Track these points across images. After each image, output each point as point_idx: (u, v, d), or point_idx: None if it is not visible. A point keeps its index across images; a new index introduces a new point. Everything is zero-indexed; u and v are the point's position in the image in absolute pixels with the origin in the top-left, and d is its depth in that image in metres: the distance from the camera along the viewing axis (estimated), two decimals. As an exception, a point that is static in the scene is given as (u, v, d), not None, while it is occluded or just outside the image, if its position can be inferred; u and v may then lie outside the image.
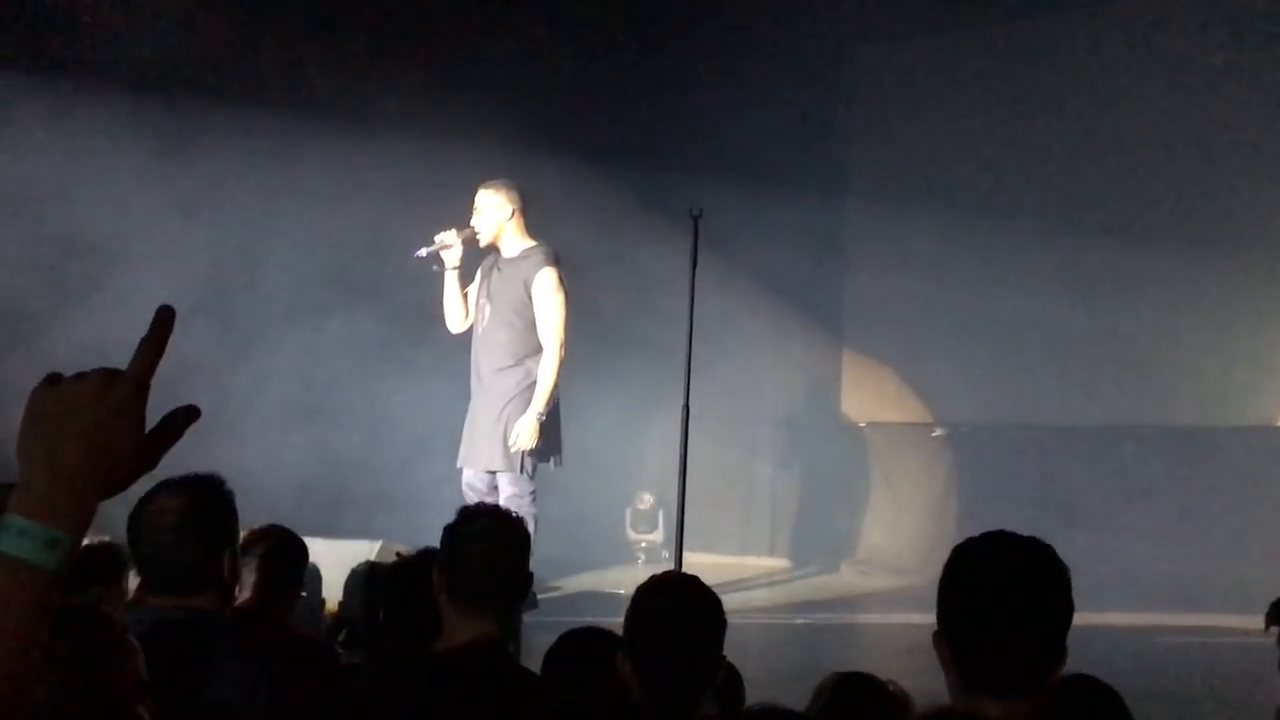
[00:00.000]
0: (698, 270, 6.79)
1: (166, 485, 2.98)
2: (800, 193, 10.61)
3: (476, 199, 7.06)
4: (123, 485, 1.51)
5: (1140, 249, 9.53)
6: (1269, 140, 9.34)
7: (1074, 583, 2.29)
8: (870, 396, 11.22)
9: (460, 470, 7.18)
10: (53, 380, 1.49)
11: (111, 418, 1.49)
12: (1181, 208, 9.61)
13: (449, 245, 6.98)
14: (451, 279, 7.11)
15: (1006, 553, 2.28)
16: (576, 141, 9.91)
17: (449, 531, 3.06)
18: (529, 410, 6.89)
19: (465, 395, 7.29)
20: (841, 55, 11.42)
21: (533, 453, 6.94)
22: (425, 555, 3.69)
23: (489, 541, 2.97)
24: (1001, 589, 2.23)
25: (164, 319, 1.52)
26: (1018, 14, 10.39)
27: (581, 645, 3.11)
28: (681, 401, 6.80)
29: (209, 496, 3.00)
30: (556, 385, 7.01)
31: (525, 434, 6.87)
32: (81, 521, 1.47)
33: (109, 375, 1.52)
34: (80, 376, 1.53)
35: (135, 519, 2.96)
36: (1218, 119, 9.54)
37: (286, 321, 8.85)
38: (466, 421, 7.19)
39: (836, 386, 11.36)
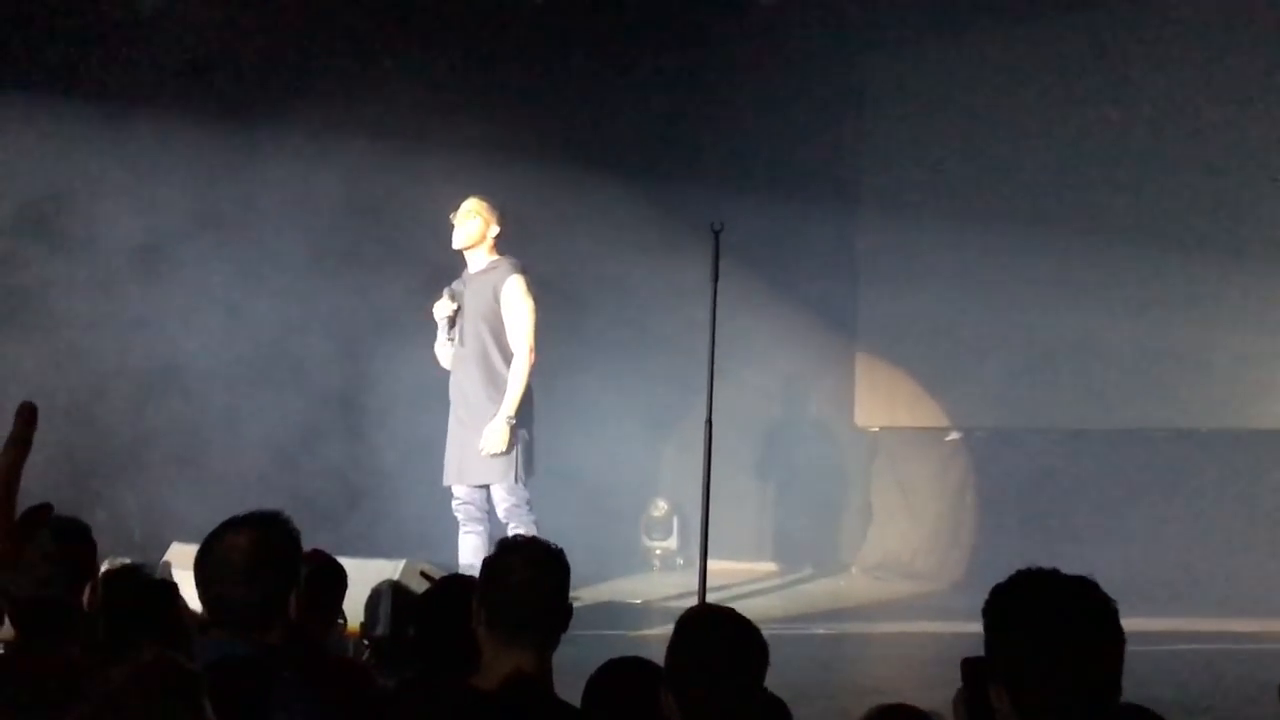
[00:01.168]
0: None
1: (233, 523, 2.98)
2: (816, 202, 10.65)
3: (466, 204, 7.19)
4: None
5: (1154, 253, 9.52)
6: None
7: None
8: (884, 402, 11.22)
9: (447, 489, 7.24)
10: None
11: None
12: (1196, 213, 9.58)
13: (450, 309, 7.17)
14: (444, 327, 7.24)
15: (1059, 597, 2.27)
16: (599, 157, 9.96)
17: (489, 563, 3.04)
18: (499, 414, 6.95)
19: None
20: (854, 65, 11.41)
21: (525, 460, 6.99)
22: (457, 579, 3.70)
23: (529, 572, 2.95)
24: (1061, 636, 2.22)
25: (27, 417, 1.73)
26: (1031, 18, 10.37)
27: (622, 677, 3.10)
28: (700, 410, 6.80)
29: (276, 534, 2.98)
30: (528, 389, 7.06)
31: (494, 438, 6.93)
32: None
33: None
34: None
35: (203, 557, 2.96)
36: (1230, 123, 9.51)
37: (306, 337, 8.90)
38: (449, 439, 7.22)
39: (850, 392, 11.35)
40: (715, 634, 2.82)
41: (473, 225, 7.16)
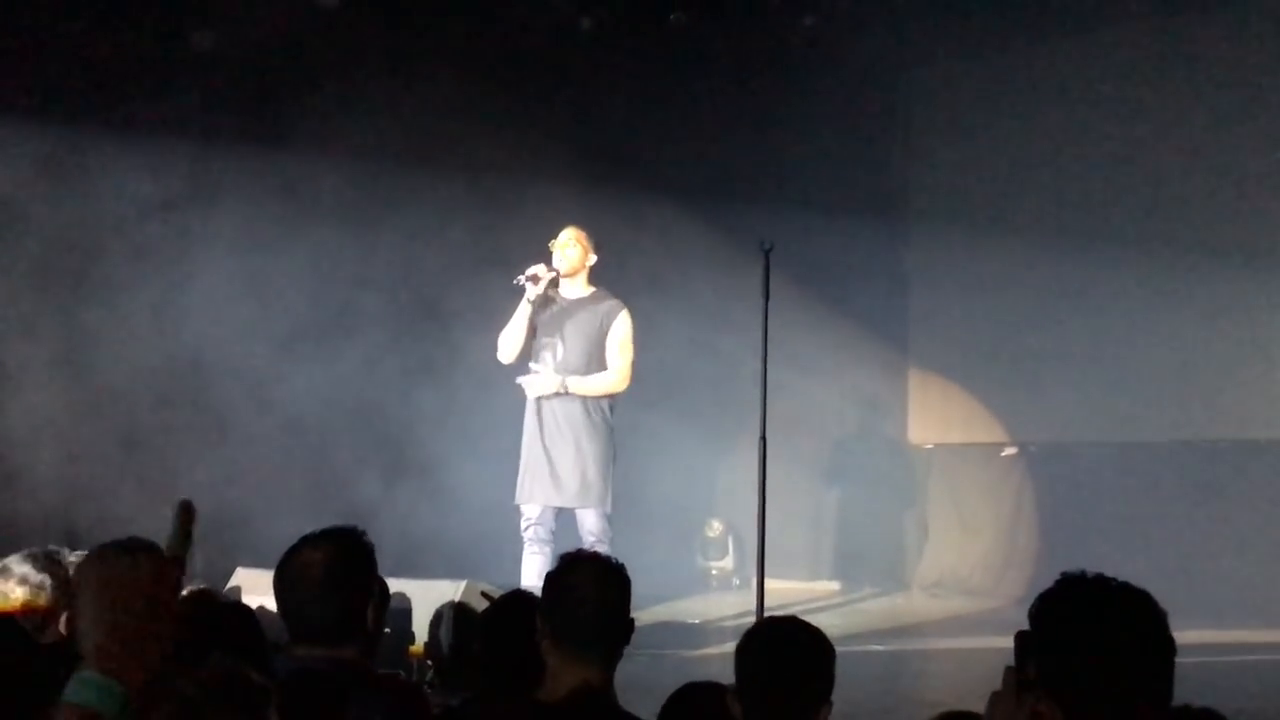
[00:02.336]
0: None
1: (310, 538, 3.04)
2: (865, 219, 10.67)
3: (566, 233, 7.37)
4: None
5: (1209, 265, 9.45)
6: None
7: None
8: (937, 418, 11.19)
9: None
10: (103, 556, 1.98)
11: (166, 594, 2.03)
12: (1255, 223, 9.51)
13: (540, 278, 7.27)
14: (524, 311, 7.34)
15: (1107, 603, 2.26)
16: (649, 179, 10.05)
17: (552, 578, 3.08)
18: (564, 379, 7.19)
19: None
20: (899, 82, 11.44)
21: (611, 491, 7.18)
22: (520, 596, 3.73)
23: (593, 587, 2.99)
24: (1111, 643, 2.21)
25: (186, 511, 2.09)
26: (1077, 32, 10.34)
27: (698, 700, 3.12)
28: (754, 430, 6.82)
29: (351, 548, 3.04)
30: (612, 427, 7.29)
31: (540, 384, 7.19)
32: (142, 674, 1.92)
33: (159, 559, 2.05)
34: (130, 555, 2.03)
35: (281, 571, 3.02)
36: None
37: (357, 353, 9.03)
38: (533, 456, 7.28)
39: (903, 409, 11.34)
40: (784, 641, 2.86)
41: (573, 253, 7.35)
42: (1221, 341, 9.50)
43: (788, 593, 9.54)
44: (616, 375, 7.27)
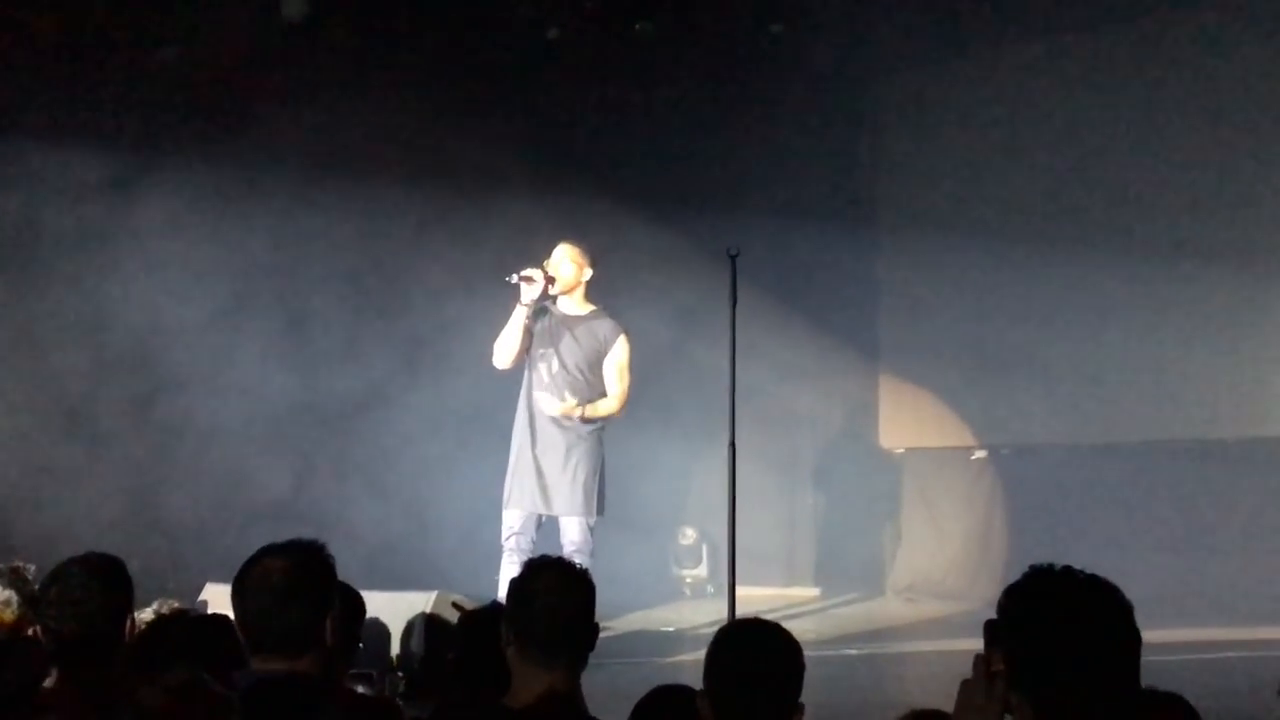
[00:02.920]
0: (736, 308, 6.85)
1: (270, 549, 3.02)
2: (834, 225, 10.69)
3: (559, 250, 7.34)
4: None
5: (1175, 266, 9.53)
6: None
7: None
8: (908, 423, 11.22)
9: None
10: None
11: None
12: (1218, 225, 9.58)
13: (534, 280, 7.20)
14: (520, 315, 7.29)
15: (1074, 596, 2.28)
16: (613, 184, 10.04)
17: (515, 584, 3.09)
18: (579, 406, 7.18)
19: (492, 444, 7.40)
20: (867, 87, 11.49)
21: (599, 499, 7.21)
22: (497, 607, 3.73)
23: (556, 593, 3.00)
24: (1079, 635, 2.22)
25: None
26: (1045, 37, 10.41)
27: (667, 704, 3.12)
28: (725, 438, 6.82)
29: (311, 560, 3.03)
30: (601, 440, 7.32)
31: (564, 407, 7.16)
32: None
33: None
34: None
35: (240, 581, 3.00)
36: (1250, 135, 9.53)
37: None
38: (522, 464, 7.28)
39: (874, 414, 11.37)
40: (753, 642, 2.86)
41: (568, 270, 7.31)
42: (1190, 343, 9.56)
43: (763, 599, 9.54)
44: (617, 402, 7.31)
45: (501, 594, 6.68)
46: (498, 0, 9.83)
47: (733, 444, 6.68)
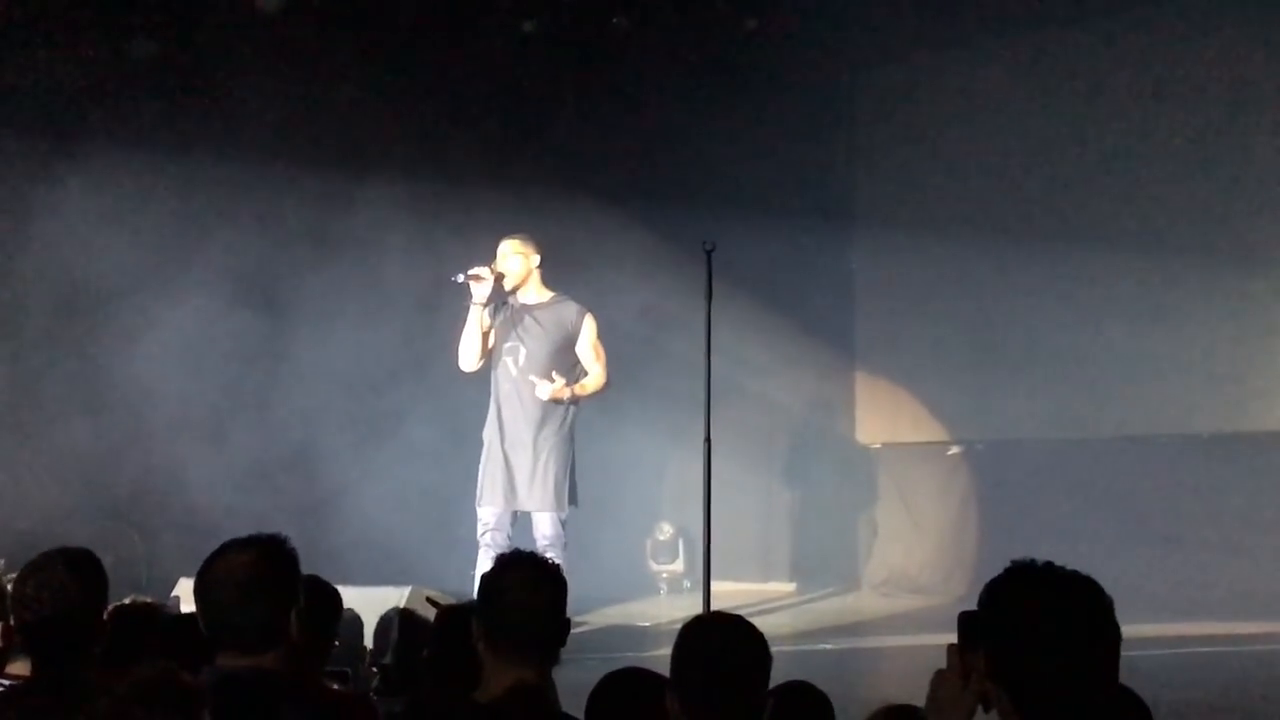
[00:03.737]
0: (712, 302, 6.83)
1: (233, 544, 2.99)
2: (810, 220, 10.71)
3: (503, 246, 7.35)
4: None
5: (1150, 261, 9.58)
6: (1270, 146, 9.40)
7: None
8: (885, 418, 11.24)
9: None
10: None
11: None
12: (1192, 219, 9.63)
13: (482, 278, 7.20)
14: (476, 314, 7.31)
15: (1055, 591, 2.27)
16: (589, 179, 10.02)
17: (487, 579, 3.07)
18: (568, 388, 7.20)
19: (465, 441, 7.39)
20: (844, 84, 11.50)
21: (571, 489, 7.21)
22: (474, 604, 3.71)
23: (526, 588, 2.99)
24: (1058, 629, 2.22)
25: None
26: (1020, 35, 10.43)
27: (625, 687, 3.13)
28: (701, 433, 6.81)
29: (275, 554, 2.99)
30: (572, 428, 7.32)
31: (555, 388, 7.16)
32: None
33: None
34: None
35: (203, 576, 2.97)
36: (1225, 129, 9.57)
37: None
38: (493, 460, 7.28)
39: (851, 410, 11.38)
40: (719, 637, 2.86)
41: (516, 263, 7.31)
42: (1168, 338, 9.59)
43: (739, 594, 9.54)
44: (603, 376, 7.36)
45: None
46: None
47: (708, 439, 6.67)
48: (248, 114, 8.76)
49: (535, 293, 7.39)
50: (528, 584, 2.99)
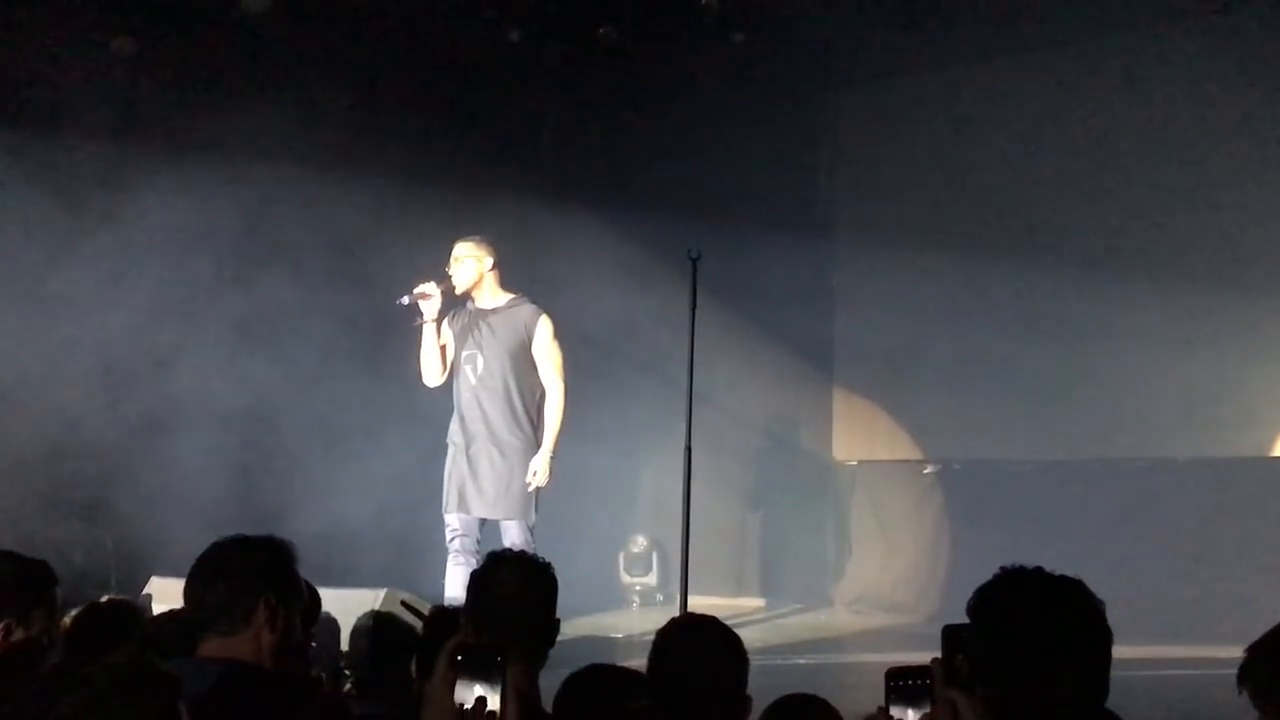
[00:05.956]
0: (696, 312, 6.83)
1: (231, 536, 3.02)
2: (792, 234, 10.70)
3: (456, 249, 7.28)
4: None
5: (1129, 283, 9.60)
6: (1242, 169, 9.47)
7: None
8: (861, 435, 11.25)
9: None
10: None
11: None
12: (1170, 241, 9.68)
13: (429, 295, 7.15)
14: (430, 331, 7.26)
15: (1046, 595, 2.27)
16: (574, 188, 10.00)
17: (476, 576, 3.05)
18: (543, 449, 7.11)
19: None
20: (828, 98, 11.53)
21: (535, 500, 7.12)
22: (446, 613, 3.69)
23: (516, 586, 2.96)
24: (1049, 634, 2.21)
25: None
26: (1002, 54, 10.47)
27: (589, 686, 3.10)
28: (677, 444, 6.80)
29: (256, 542, 3.00)
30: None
31: (543, 471, 7.08)
32: None
33: None
34: None
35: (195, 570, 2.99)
36: (1211, 149, 9.63)
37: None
38: (457, 468, 7.24)
39: (828, 426, 11.38)
40: (692, 639, 2.84)
41: (468, 268, 7.23)
42: (1143, 362, 9.62)
43: (711, 608, 9.40)
44: (559, 390, 7.20)
45: (448, 596, 6.66)
46: (460, 1, 9.77)
47: (688, 449, 6.66)
48: (229, 124, 8.72)
49: (490, 296, 7.29)
50: (517, 581, 2.97)
